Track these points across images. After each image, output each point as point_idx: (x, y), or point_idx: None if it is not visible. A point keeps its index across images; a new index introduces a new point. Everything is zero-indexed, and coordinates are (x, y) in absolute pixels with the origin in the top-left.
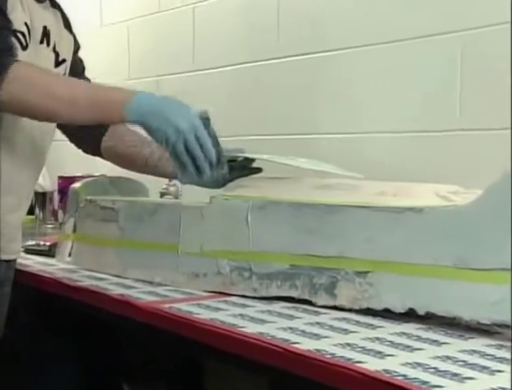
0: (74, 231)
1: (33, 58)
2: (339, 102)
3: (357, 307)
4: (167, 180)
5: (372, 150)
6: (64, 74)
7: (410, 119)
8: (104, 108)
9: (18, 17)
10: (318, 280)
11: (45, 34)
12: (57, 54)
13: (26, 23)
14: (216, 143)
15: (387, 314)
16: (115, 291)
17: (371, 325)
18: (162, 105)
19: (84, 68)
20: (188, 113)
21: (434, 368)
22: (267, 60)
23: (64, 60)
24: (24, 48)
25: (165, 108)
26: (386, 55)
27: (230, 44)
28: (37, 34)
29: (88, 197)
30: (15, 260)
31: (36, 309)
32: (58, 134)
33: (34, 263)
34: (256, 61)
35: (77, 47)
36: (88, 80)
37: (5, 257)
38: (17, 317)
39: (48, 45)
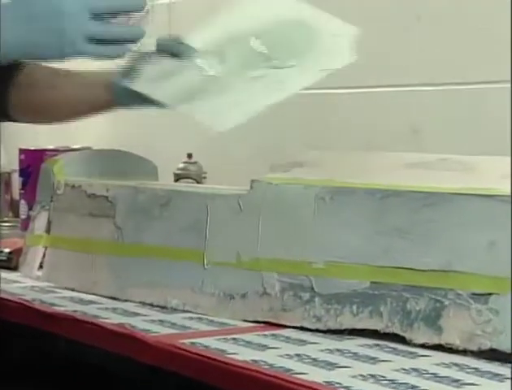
0: (47, 231)
1: None
2: None
3: (474, 347)
4: (183, 157)
5: None
6: None
7: None
8: None
9: None
10: (415, 306)
11: None
12: None
13: None
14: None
15: None
16: (111, 320)
17: (498, 375)
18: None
19: None
20: None
21: None
22: None
23: None
24: None
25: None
26: None
27: None
28: None
29: (70, 180)
30: None
31: None
32: None
33: None
34: None
35: None
36: None
37: None
38: None
39: None
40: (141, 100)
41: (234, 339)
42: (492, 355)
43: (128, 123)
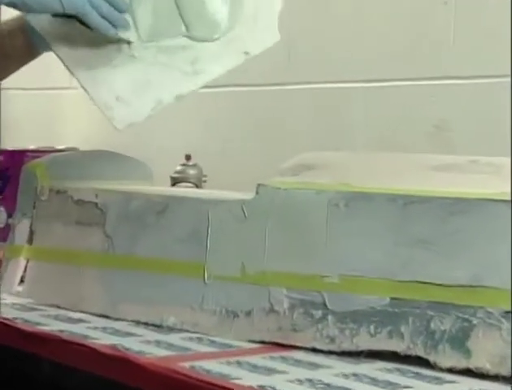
0: (29, 241)
1: None
2: None
3: (506, 372)
4: (181, 159)
5: None
6: None
7: None
8: None
9: None
10: (440, 325)
11: None
12: None
13: None
14: None
15: None
16: (101, 340)
17: None
18: None
19: None
20: None
21: None
22: None
23: None
24: None
25: None
26: None
27: None
28: None
29: (54, 185)
30: None
31: None
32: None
33: None
34: None
35: None
36: None
37: None
38: None
39: None
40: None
41: (238, 362)
42: None
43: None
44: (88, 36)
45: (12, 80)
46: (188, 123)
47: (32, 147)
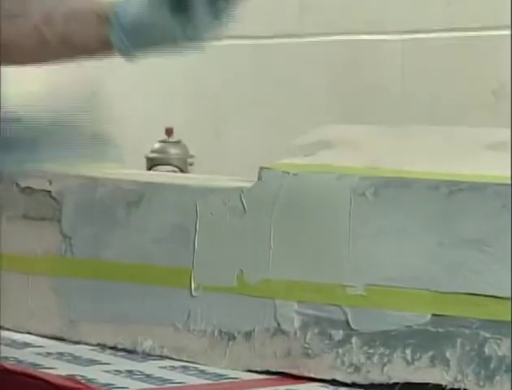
0: None
1: None
2: None
3: None
4: (160, 134)
5: None
6: None
7: None
8: None
9: None
10: (496, 350)
11: None
12: None
13: None
14: None
15: None
16: (57, 370)
17: None
18: None
19: None
20: None
21: None
22: None
23: None
24: None
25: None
26: None
27: None
28: None
29: None
30: None
31: None
32: None
33: None
34: None
35: None
36: None
37: None
38: None
39: None
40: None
41: None
42: None
43: (77, 76)
44: None
45: None
46: (172, 88)
47: None
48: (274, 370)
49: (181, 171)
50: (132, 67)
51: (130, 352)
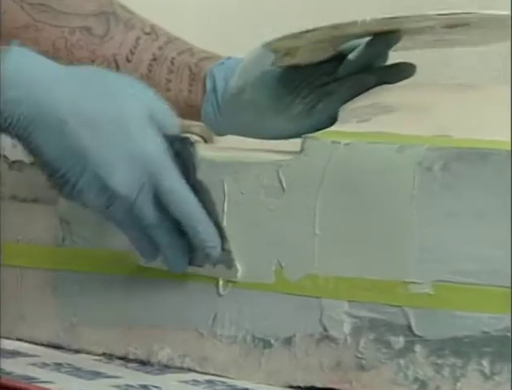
0: None
1: None
2: None
3: None
4: None
5: None
6: None
7: None
8: None
9: None
10: None
11: None
12: None
13: None
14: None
15: None
16: (55, 384)
17: None
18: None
19: None
20: (133, 129)
21: None
22: None
23: None
24: None
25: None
26: None
27: None
28: None
29: None
30: None
31: None
32: None
33: None
34: None
35: None
36: None
37: None
38: None
39: None
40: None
41: None
42: None
43: None
44: None
45: None
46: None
47: None
48: (320, 385)
49: (205, 141)
50: None
51: (143, 363)
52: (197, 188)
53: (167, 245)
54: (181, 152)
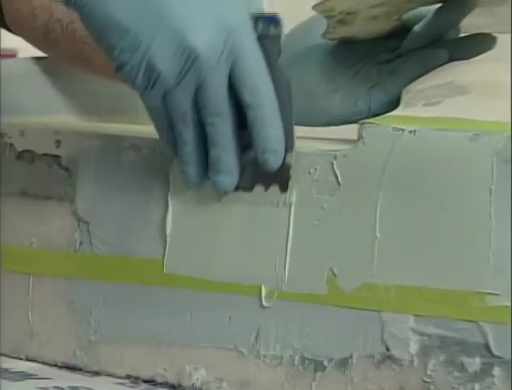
0: None
1: None
2: None
3: None
4: None
5: None
6: None
7: None
8: None
9: None
10: None
11: None
12: None
13: None
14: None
15: None
16: None
17: None
18: None
19: None
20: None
21: None
22: None
23: None
24: None
25: None
26: None
27: None
28: None
29: None
30: None
31: None
32: None
33: None
34: None
35: None
36: None
37: None
38: None
39: None
40: None
41: None
42: None
43: None
44: None
45: None
46: None
47: None
48: None
49: None
50: None
51: (174, 387)
52: (277, 77)
53: (188, 142)
54: (265, 35)
